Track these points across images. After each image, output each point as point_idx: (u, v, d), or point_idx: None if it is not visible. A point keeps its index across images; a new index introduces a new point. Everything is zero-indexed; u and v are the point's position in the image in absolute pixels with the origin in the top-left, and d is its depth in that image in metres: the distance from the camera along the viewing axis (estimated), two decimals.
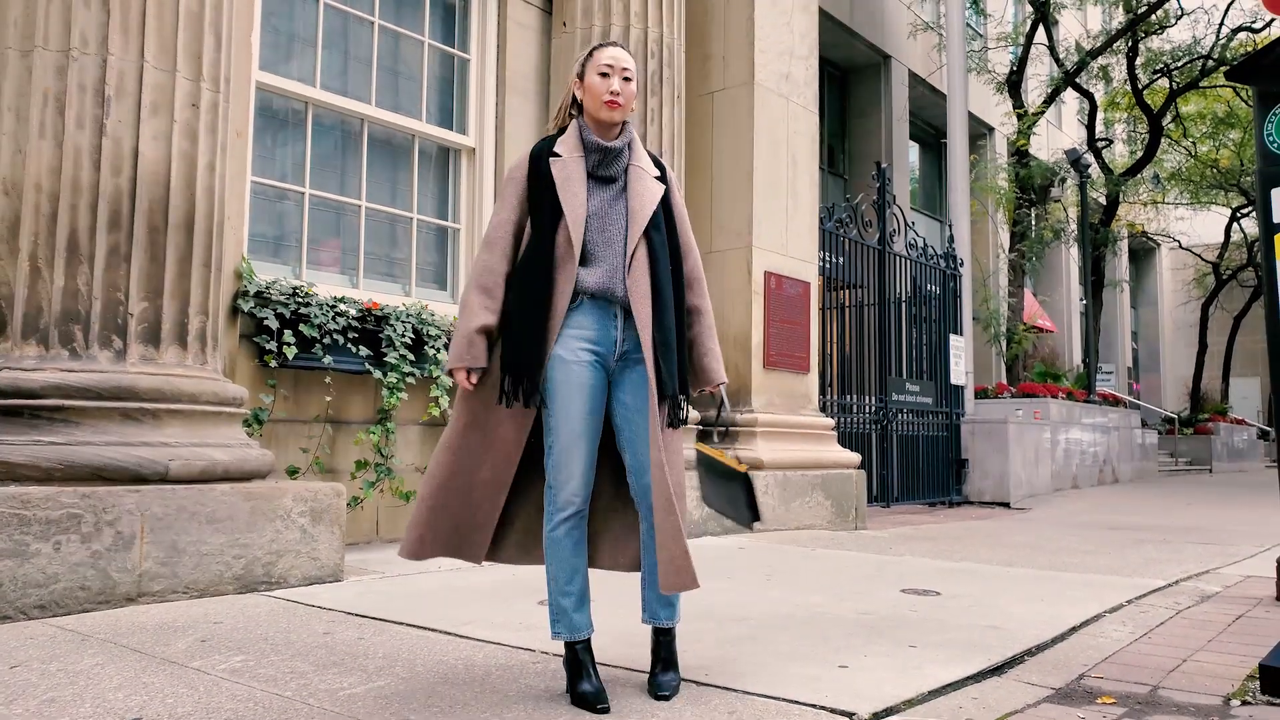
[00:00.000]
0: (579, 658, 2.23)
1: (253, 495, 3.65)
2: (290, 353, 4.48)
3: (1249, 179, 19.75)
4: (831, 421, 7.42)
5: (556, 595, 2.27)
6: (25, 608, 3.06)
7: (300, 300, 4.63)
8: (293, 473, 4.59)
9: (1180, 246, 23.50)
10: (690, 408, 2.55)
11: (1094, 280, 15.30)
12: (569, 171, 2.34)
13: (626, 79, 2.39)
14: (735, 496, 2.45)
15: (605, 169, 2.38)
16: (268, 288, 4.58)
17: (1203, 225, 24.01)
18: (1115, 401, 14.89)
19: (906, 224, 10.00)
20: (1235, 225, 22.26)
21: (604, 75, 2.37)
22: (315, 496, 3.86)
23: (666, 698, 2.26)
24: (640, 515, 2.36)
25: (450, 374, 2.34)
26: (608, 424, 2.38)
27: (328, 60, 5.36)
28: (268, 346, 4.50)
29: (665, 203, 2.42)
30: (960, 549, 5.69)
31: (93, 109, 3.52)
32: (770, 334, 6.90)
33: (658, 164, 2.49)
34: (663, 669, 2.34)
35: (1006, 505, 10.22)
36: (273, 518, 3.70)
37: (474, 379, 2.30)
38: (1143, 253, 29.28)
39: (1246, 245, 22.61)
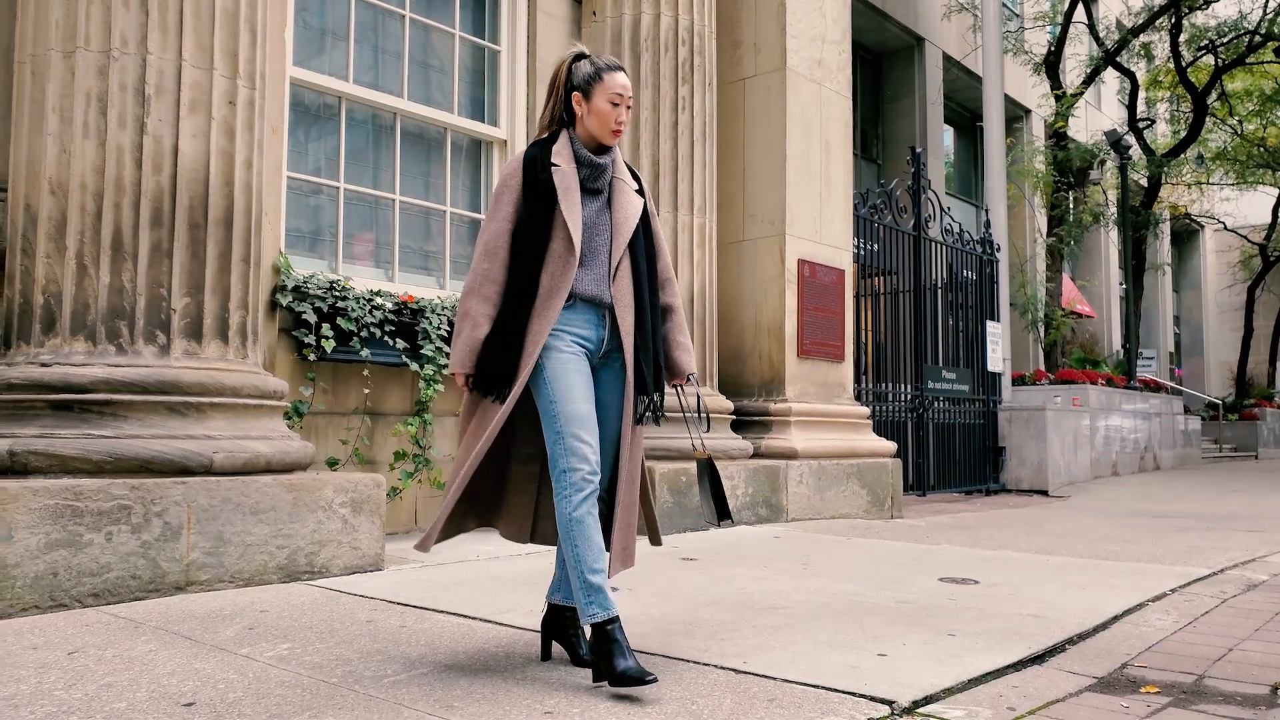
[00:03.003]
0: (616, 635, 2.24)
1: (295, 486, 3.72)
2: (329, 346, 4.55)
3: None
4: (866, 410, 7.37)
5: (586, 574, 2.28)
6: (80, 596, 3.15)
7: (337, 294, 4.69)
8: (333, 464, 4.66)
9: (1225, 228, 22.95)
10: (701, 399, 2.69)
11: (1135, 264, 15.00)
12: (569, 183, 2.45)
13: (629, 107, 2.52)
14: (704, 491, 2.63)
15: (593, 182, 2.51)
16: (305, 282, 4.65)
17: (1249, 206, 23.42)
18: (1156, 387, 14.62)
19: (942, 209, 9.88)
20: None
21: (614, 104, 2.47)
22: (355, 487, 3.92)
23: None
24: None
25: (453, 375, 2.51)
26: None
27: (360, 54, 5.41)
28: (306, 340, 4.56)
29: (643, 212, 2.55)
30: (998, 537, 5.63)
31: (134, 108, 3.59)
32: (804, 322, 6.86)
33: (634, 176, 2.63)
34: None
35: (1045, 493, 10.09)
36: (314, 508, 3.77)
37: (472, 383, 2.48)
38: (1186, 235, 28.63)
39: None
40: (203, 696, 2.18)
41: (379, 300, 4.80)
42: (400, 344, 4.83)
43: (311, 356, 4.57)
